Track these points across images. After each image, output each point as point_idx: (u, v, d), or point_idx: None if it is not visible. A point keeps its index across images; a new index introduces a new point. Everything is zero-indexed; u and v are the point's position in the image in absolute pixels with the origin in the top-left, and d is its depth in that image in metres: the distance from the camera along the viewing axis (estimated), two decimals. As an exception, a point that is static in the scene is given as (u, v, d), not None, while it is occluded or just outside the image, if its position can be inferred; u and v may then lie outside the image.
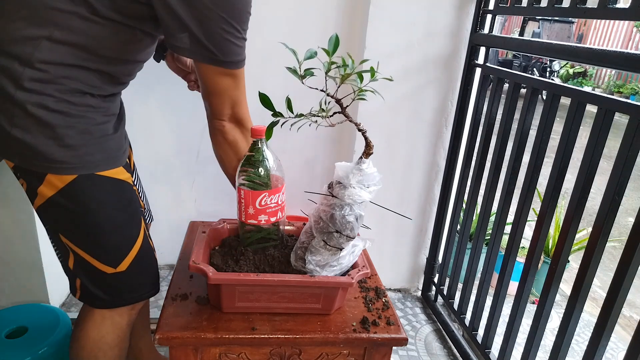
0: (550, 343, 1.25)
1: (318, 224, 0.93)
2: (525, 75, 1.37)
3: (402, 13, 1.60)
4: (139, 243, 0.95)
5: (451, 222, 1.80)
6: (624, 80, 9.34)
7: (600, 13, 1.07)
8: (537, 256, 1.30)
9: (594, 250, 1.09)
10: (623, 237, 2.37)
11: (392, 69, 1.64)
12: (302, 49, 0.80)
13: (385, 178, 0.93)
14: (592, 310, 2.20)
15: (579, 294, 1.13)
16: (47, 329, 1.34)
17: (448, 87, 1.73)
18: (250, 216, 0.99)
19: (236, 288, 0.92)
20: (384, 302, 1.04)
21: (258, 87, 0.85)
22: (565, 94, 1.18)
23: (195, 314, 0.94)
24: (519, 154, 1.37)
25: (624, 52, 1.00)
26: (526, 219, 1.36)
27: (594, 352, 1.09)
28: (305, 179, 1.89)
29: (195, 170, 1.87)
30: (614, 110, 1.04)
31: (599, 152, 1.09)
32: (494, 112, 1.52)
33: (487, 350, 1.54)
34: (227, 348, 0.93)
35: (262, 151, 0.97)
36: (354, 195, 0.89)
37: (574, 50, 1.14)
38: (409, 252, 2.00)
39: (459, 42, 1.67)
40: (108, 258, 0.92)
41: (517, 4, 1.42)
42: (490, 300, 1.50)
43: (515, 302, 1.38)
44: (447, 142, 1.79)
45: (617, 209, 1.05)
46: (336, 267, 0.95)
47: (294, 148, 1.82)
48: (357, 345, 0.95)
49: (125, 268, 0.93)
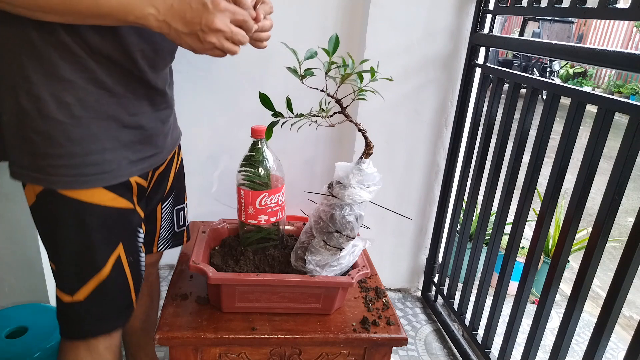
0: (550, 343, 1.25)
1: (318, 224, 0.93)
2: (525, 75, 1.37)
3: (402, 13, 1.60)
4: (103, 273, 0.82)
5: (451, 222, 1.80)
6: (624, 80, 9.34)
7: (600, 13, 1.07)
8: (537, 256, 1.30)
9: (594, 250, 1.09)
10: (623, 237, 2.37)
11: (392, 69, 1.64)
12: (302, 48, 0.80)
13: (385, 178, 0.93)
14: (592, 310, 2.20)
15: (579, 294, 1.13)
16: (47, 329, 1.34)
17: (448, 87, 1.73)
18: (250, 216, 0.99)
19: (236, 288, 0.92)
20: (384, 302, 1.04)
21: (258, 86, 0.85)
22: (565, 94, 1.18)
23: (195, 314, 0.94)
24: (519, 154, 1.37)
25: (624, 52, 1.00)
26: (526, 219, 1.36)
27: (594, 352, 1.09)
28: (305, 179, 1.89)
29: (195, 170, 1.87)
30: (614, 110, 1.04)
31: (599, 152, 1.09)
32: (494, 112, 1.52)
33: (487, 350, 1.54)
34: (227, 348, 0.92)
35: (262, 151, 0.97)
36: (354, 195, 0.89)
37: (574, 50, 1.14)
38: (409, 252, 2.00)
39: (459, 42, 1.67)
40: (63, 284, 0.82)
41: (517, 4, 1.42)
42: (490, 300, 1.50)
43: (515, 302, 1.38)
44: (447, 142, 1.79)
45: (617, 209, 1.05)
46: (336, 267, 0.95)
47: (294, 148, 1.82)
48: (357, 345, 0.95)
49: (83, 298, 0.82)
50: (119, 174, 0.79)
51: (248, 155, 0.98)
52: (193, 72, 1.66)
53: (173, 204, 1.07)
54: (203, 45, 0.69)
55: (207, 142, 1.80)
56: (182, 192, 1.10)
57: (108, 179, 0.78)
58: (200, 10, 0.66)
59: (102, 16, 0.66)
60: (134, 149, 0.81)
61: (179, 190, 1.08)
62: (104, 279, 0.82)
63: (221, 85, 1.72)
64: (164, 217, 1.06)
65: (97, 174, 0.76)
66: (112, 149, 0.77)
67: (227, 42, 0.69)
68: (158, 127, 0.86)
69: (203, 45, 0.69)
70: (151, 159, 0.86)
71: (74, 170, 0.74)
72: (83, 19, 0.67)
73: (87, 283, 0.81)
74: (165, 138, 0.91)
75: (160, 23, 0.67)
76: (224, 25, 0.67)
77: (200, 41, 0.68)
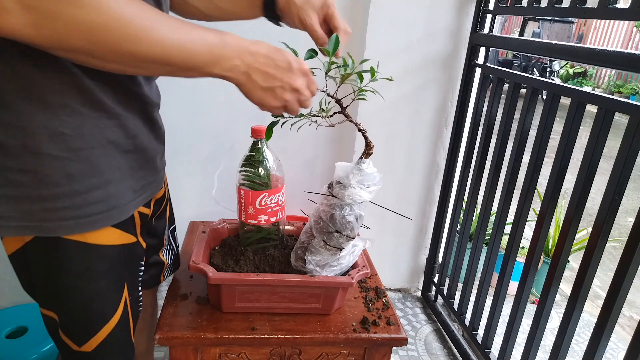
0: (550, 343, 1.25)
1: (318, 224, 0.93)
2: (525, 75, 1.37)
3: (402, 13, 1.60)
4: (113, 322, 0.75)
5: (451, 222, 1.80)
6: (624, 80, 9.34)
7: (600, 13, 1.07)
8: (537, 256, 1.30)
9: (594, 250, 1.09)
10: (623, 237, 2.37)
11: (392, 69, 1.64)
12: (303, 49, 0.80)
13: (385, 178, 0.93)
14: (592, 310, 2.20)
15: (579, 294, 1.13)
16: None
17: (448, 87, 1.73)
18: (250, 216, 0.99)
19: (236, 288, 0.92)
20: (384, 302, 1.04)
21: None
22: (565, 94, 1.18)
23: (195, 314, 0.94)
24: (519, 154, 1.37)
25: (624, 52, 1.00)
26: (526, 219, 1.36)
27: (594, 352, 1.09)
28: (305, 179, 1.89)
29: (195, 170, 1.87)
30: (614, 110, 1.04)
31: (599, 152, 1.09)
32: (494, 112, 1.52)
33: (487, 350, 1.54)
34: (227, 348, 0.92)
35: (262, 151, 0.97)
36: (354, 195, 0.89)
37: (574, 50, 1.14)
38: (409, 252, 2.00)
39: (459, 42, 1.67)
40: (71, 334, 0.74)
41: (517, 4, 1.42)
42: (490, 300, 1.50)
43: (515, 302, 1.38)
44: (447, 142, 1.79)
45: (617, 209, 1.05)
46: (336, 267, 0.95)
47: (294, 148, 1.82)
48: (357, 345, 0.95)
49: (92, 350, 0.74)
50: (125, 208, 0.71)
51: (248, 155, 0.98)
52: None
53: (168, 227, 1.01)
54: (275, 101, 0.70)
55: (207, 142, 1.80)
56: (172, 212, 1.04)
57: (116, 216, 0.69)
58: (284, 68, 0.68)
59: (190, 69, 0.60)
60: (136, 177, 0.73)
61: (170, 210, 1.02)
62: (113, 327, 0.75)
63: (221, 85, 1.71)
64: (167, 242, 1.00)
65: (104, 212, 0.67)
66: (116, 181, 0.68)
67: (296, 104, 0.72)
68: (156, 147, 0.78)
69: (275, 101, 0.70)
70: (152, 185, 0.79)
71: (77, 212, 0.64)
72: (155, 72, 0.61)
73: (97, 334, 0.74)
74: (162, 158, 0.84)
75: (241, 75, 0.65)
76: (303, 87, 0.70)
77: (275, 97, 0.69)
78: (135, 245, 0.77)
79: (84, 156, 0.63)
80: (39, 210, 0.62)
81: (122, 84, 0.66)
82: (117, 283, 0.75)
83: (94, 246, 0.68)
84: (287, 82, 0.68)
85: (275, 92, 0.68)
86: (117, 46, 0.53)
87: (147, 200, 0.78)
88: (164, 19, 0.57)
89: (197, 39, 0.59)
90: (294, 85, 0.69)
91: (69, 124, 0.61)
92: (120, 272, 0.75)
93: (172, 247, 1.04)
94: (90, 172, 0.64)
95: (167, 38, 0.56)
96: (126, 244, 0.74)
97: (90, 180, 0.65)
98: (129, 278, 0.78)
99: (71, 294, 0.70)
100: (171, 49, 0.57)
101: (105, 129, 0.65)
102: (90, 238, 0.68)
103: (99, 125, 0.64)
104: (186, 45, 0.58)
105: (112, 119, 0.66)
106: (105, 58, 0.55)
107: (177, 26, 0.58)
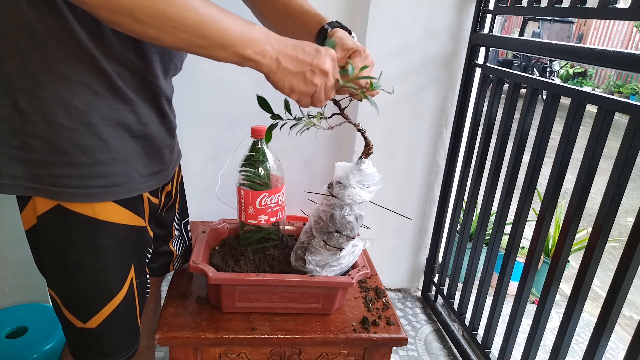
0: (550, 343, 1.25)
1: (318, 224, 0.93)
2: (525, 75, 1.37)
3: (402, 13, 1.60)
4: (117, 299, 0.78)
5: (451, 222, 1.80)
6: (624, 80, 9.34)
7: (600, 13, 1.07)
8: (537, 256, 1.30)
9: (594, 250, 1.09)
10: (623, 237, 2.37)
11: (392, 69, 1.64)
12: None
13: (385, 178, 0.93)
14: (592, 310, 2.20)
15: (579, 294, 1.13)
16: (47, 329, 1.34)
17: (448, 87, 1.73)
18: (250, 216, 0.99)
19: (236, 288, 0.92)
20: (384, 302, 1.04)
21: (259, 86, 0.85)
22: (565, 94, 1.18)
23: (195, 314, 0.94)
24: (519, 154, 1.37)
25: (624, 52, 1.00)
26: (526, 219, 1.36)
27: (594, 352, 1.09)
28: (305, 179, 1.89)
29: (195, 170, 1.87)
30: (614, 110, 1.04)
31: (599, 152, 1.09)
32: (494, 112, 1.52)
33: (487, 350, 1.54)
34: (227, 348, 0.93)
35: (262, 151, 0.97)
36: (354, 195, 0.89)
37: (574, 50, 1.14)
38: (409, 252, 2.00)
39: (458, 42, 1.67)
40: (73, 309, 0.77)
41: (517, 4, 1.42)
42: (490, 300, 1.50)
43: (515, 302, 1.38)
44: (447, 142, 1.79)
45: (617, 209, 1.05)
46: (336, 267, 0.95)
47: (294, 148, 1.82)
48: (357, 345, 0.95)
49: (96, 326, 0.77)
50: (130, 187, 0.74)
51: (248, 155, 0.98)
52: (194, 72, 1.66)
53: (180, 219, 1.04)
54: (305, 86, 0.70)
55: (207, 141, 1.80)
56: (186, 206, 1.08)
57: (118, 193, 0.72)
58: (312, 53, 0.69)
59: (223, 46, 0.63)
60: (143, 162, 0.75)
61: (183, 204, 1.05)
62: (118, 305, 0.78)
63: (221, 85, 1.72)
64: (177, 233, 1.03)
65: (106, 187, 0.70)
66: (122, 161, 0.71)
67: (323, 92, 0.72)
68: (165, 139, 0.80)
69: (305, 86, 0.70)
70: (160, 174, 0.81)
71: (80, 182, 0.68)
72: (190, 44, 0.62)
73: (101, 310, 0.77)
74: (171, 153, 0.86)
75: (272, 61, 0.67)
76: (332, 69, 0.71)
77: (305, 81, 0.70)
78: (143, 230, 0.80)
79: (94, 131, 0.67)
80: (47, 175, 0.67)
81: (138, 72, 0.71)
82: (123, 261, 0.78)
83: (103, 222, 0.72)
84: (317, 64, 0.69)
85: (306, 76, 0.69)
86: (157, 8, 0.57)
87: (155, 188, 0.80)
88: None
89: (230, 19, 0.63)
90: (322, 67, 0.69)
91: (83, 100, 0.66)
92: (127, 252, 0.78)
93: (183, 239, 1.07)
94: (98, 147, 0.68)
95: (203, 8, 0.60)
96: (135, 226, 0.77)
97: (98, 155, 0.68)
98: (136, 260, 0.81)
99: (78, 268, 0.73)
100: (206, 20, 0.60)
101: (117, 111, 0.69)
102: (100, 214, 0.71)
103: (112, 107, 0.68)
104: (221, 20, 0.62)
105: (125, 104, 0.70)
106: (144, 21, 0.57)
107: (212, 5, 0.62)
